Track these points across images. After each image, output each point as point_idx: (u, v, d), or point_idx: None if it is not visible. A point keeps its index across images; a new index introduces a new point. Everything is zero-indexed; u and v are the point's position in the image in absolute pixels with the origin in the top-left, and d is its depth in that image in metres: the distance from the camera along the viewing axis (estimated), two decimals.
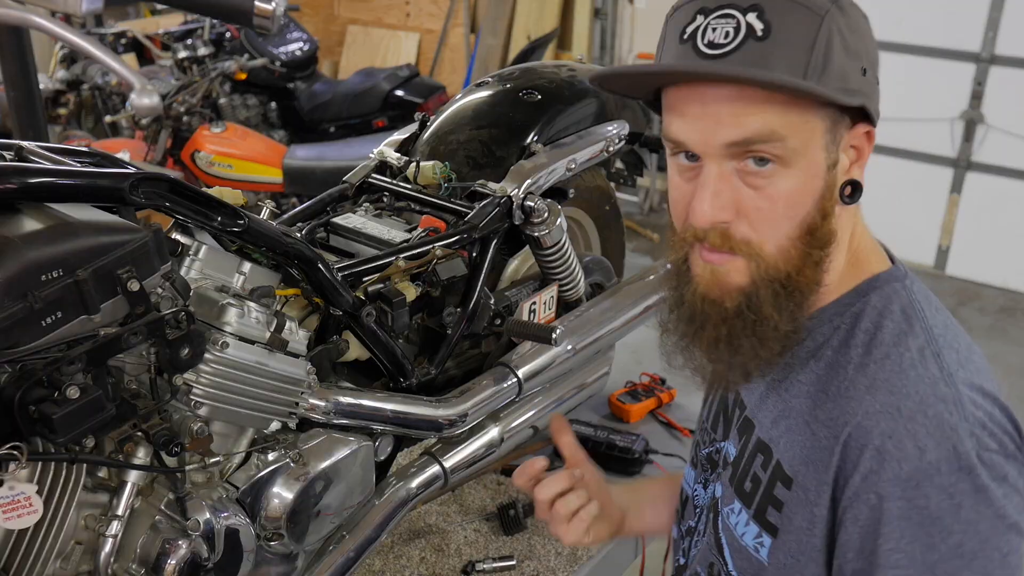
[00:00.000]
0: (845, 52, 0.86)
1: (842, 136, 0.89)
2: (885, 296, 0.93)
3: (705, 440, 1.14)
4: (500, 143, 1.99)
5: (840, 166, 0.90)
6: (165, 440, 1.23)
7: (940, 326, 0.93)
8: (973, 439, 0.85)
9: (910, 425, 0.86)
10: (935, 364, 0.89)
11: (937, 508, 0.85)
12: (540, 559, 1.87)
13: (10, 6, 1.08)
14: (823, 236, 0.90)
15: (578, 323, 2.01)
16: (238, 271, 1.42)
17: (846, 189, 0.91)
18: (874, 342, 0.91)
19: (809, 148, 0.87)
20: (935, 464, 0.84)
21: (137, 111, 1.07)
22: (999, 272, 4.76)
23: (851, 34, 0.87)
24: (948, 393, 0.87)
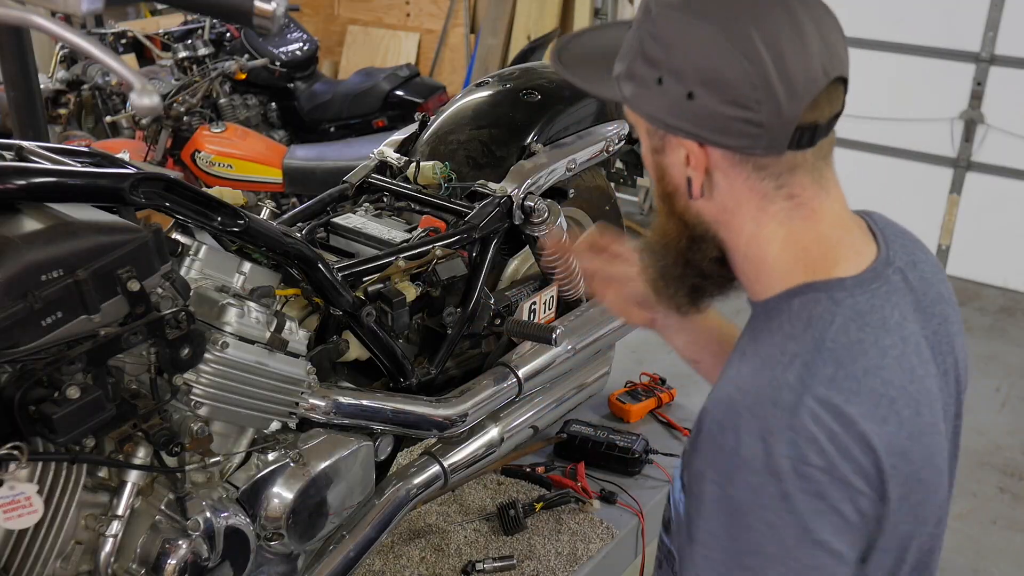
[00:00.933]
0: (642, 58, 0.96)
1: (663, 133, 0.99)
2: (804, 303, 0.97)
3: None
4: (500, 143, 1.99)
5: (670, 159, 1.00)
6: (165, 440, 1.23)
7: (841, 346, 0.93)
8: (794, 448, 0.88)
9: (737, 420, 0.91)
10: (796, 373, 0.91)
11: (743, 502, 0.89)
12: (540, 559, 1.87)
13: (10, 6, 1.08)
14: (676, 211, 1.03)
15: (578, 323, 2.01)
16: (238, 271, 1.42)
17: (689, 184, 1.00)
18: (763, 339, 0.97)
19: (638, 126, 1.03)
20: (748, 461, 0.89)
21: (137, 111, 1.07)
22: (999, 272, 4.76)
23: (652, 41, 0.95)
24: (788, 401, 0.90)
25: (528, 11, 5.87)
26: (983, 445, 3.53)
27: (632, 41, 0.98)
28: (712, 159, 0.97)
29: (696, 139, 0.96)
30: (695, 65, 0.93)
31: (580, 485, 2.02)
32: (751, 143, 0.94)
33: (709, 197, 1.00)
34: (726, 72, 0.92)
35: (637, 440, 2.14)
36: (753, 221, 0.99)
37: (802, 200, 0.98)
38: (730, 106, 0.92)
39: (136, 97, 1.07)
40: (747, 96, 0.92)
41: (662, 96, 0.95)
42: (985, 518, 3.15)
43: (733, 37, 0.91)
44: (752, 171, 0.97)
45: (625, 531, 1.96)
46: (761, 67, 0.91)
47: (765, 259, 1.00)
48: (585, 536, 1.93)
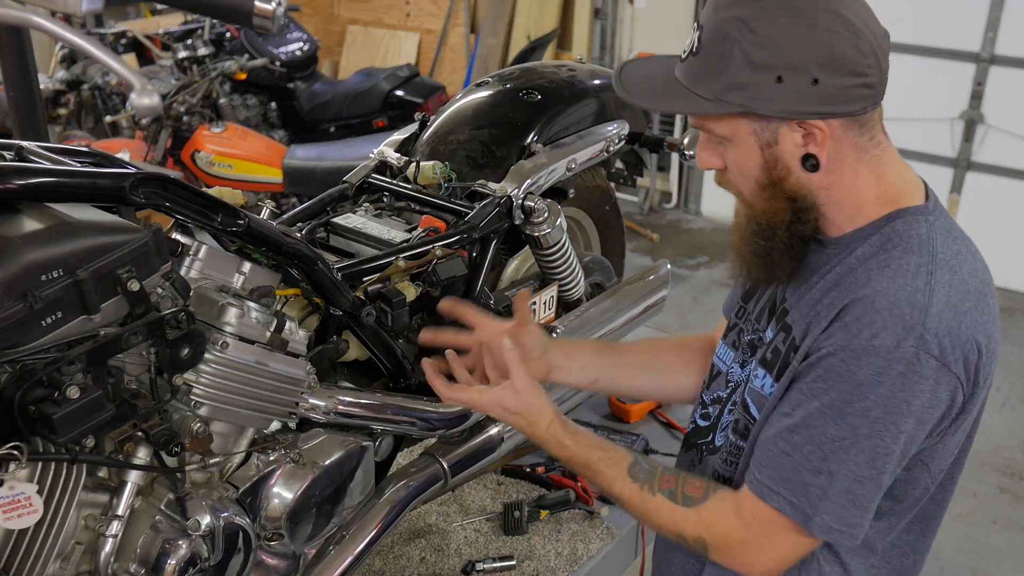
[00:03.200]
0: (749, 67, 1.08)
1: (777, 126, 1.12)
2: (907, 223, 1.16)
3: (748, 328, 1.37)
4: (500, 143, 1.99)
5: (784, 145, 1.13)
6: (165, 440, 1.23)
7: (949, 253, 1.14)
8: (920, 340, 1.08)
9: (875, 316, 1.10)
10: (924, 279, 1.11)
11: (865, 378, 1.10)
12: (540, 559, 1.87)
13: (10, 6, 1.08)
14: (784, 192, 1.16)
15: (578, 323, 2.01)
16: (238, 271, 1.42)
17: (808, 160, 1.14)
18: (886, 256, 1.14)
19: (737, 134, 1.15)
20: (877, 348, 1.09)
21: (137, 111, 1.07)
22: (999, 272, 4.73)
23: (758, 49, 1.07)
24: (920, 302, 1.09)
25: (528, 11, 5.87)
26: (983, 445, 3.53)
27: (727, 57, 1.09)
28: (832, 130, 1.11)
29: (825, 116, 1.10)
30: (811, 55, 1.07)
31: (580, 485, 2.02)
32: (865, 104, 1.11)
33: (822, 168, 1.14)
34: (842, 51, 1.07)
35: (637, 440, 2.14)
36: (852, 173, 1.16)
37: (883, 145, 1.18)
38: (850, 77, 1.08)
39: (136, 97, 1.08)
40: (862, 64, 1.08)
41: (786, 91, 1.08)
42: (985, 518, 3.15)
43: (832, 21, 1.06)
44: (857, 131, 1.14)
45: (625, 531, 1.96)
46: (862, 36, 1.08)
47: (860, 201, 1.18)
48: (585, 536, 1.93)
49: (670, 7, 5.50)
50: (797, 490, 1.16)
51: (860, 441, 1.12)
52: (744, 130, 1.14)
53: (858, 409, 1.11)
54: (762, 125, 1.12)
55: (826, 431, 1.13)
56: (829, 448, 1.13)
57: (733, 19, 1.09)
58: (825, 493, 1.14)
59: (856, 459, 1.13)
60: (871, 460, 1.12)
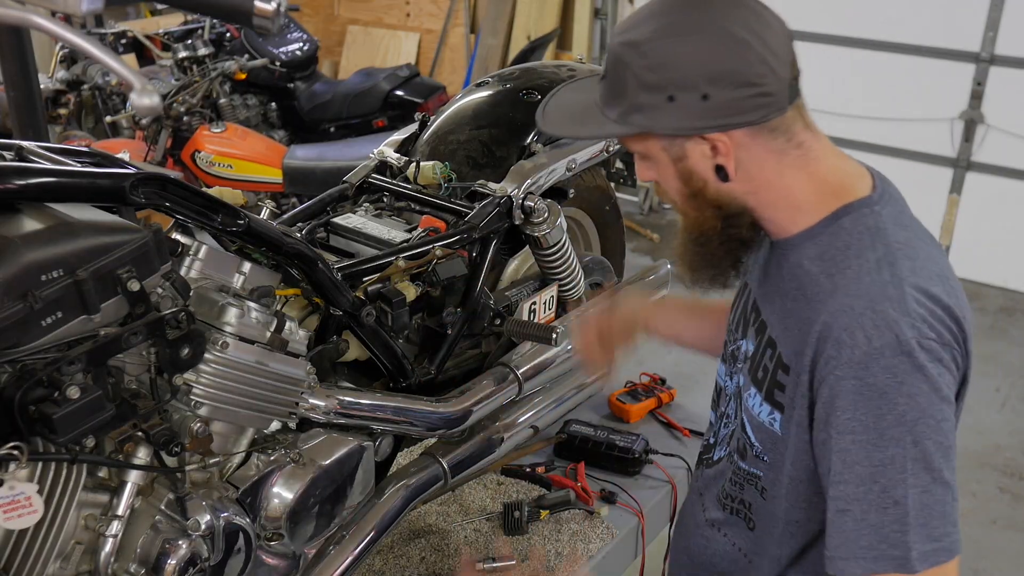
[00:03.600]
0: (642, 89, 1.11)
1: (682, 142, 1.15)
2: (854, 219, 1.16)
3: (730, 339, 1.38)
4: (500, 143, 1.99)
5: (694, 158, 1.16)
6: (165, 440, 1.23)
7: (901, 241, 1.14)
8: (914, 329, 1.07)
9: (860, 320, 1.08)
10: (888, 271, 1.11)
11: (883, 384, 1.06)
12: (540, 559, 1.86)
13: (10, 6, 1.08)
14: (708, 201, 1.19)
15: (578, 323, 2.00)
16: (238, 271, 1.42)
17: (719, 172, 1.16)
18: (841, 255, 1.14)
19: (650, 152, 1.18)
20: (880, 349, 1.06)
21: (137, 111, 1.07)
22: (999, 272, 4.76)
23: (648, 72, 1.10)
24: (895, 294, 1.09)
25: (528, 11, 5.87)
26: (983, 445, 3.53)
27: (623, 81, 1.13)
28: (735, 140, 1.13)
29: (722, 129, 1.12)
30: (699, 72, 1.09)
31: (580, 485, 2.02)
32: (766, 112, 1.11)
33: (737, 175, 1.16)
34: (727, 65, 1.09)
35: (637, 440, 2.14)
36: (777, 176, 1.17)
37: (806, 145, 1.17)
38: (742, 88, 1.09)
39: (136, 97, 1.07)
40: (751, 74, 1.09)
41: (678, 109, 1.11)
42: (985, 518, 3.15)
43: (720, 37, 1.09)
44: (767, 136, 1.14)
45: (625, 531, 1.96)
46: (750, 48, 1.09)
47: (796, 201, 1.18)
48: (585, 536, 1.93)
49: None
50: (875, 542, 1.07)
51: (908, 450, 1.06)
52: (655, 148, 1.18)
53: (892, 420, 1.06)
54: (668, 142, 1.16)
55: (872, 460, 1.07)
56: (885, 477, 1.06)
57: (625, 44, 1.13)
58: (904, 525, 1.06)
59: (915, 472, 1.06)
60: (928, 464, 1.06)
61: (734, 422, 1.34)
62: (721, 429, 1.40)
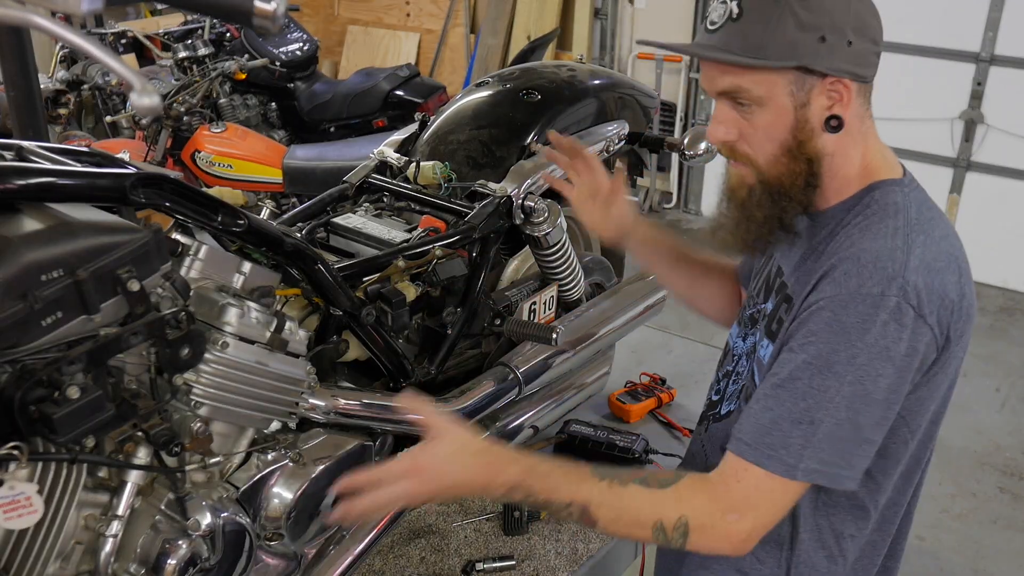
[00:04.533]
0: (798, 27, 1.16)
1: (812, 86, 1.19)
2: (884, 193, 1.26)
3: (750, 304, 1.45)
4: (500, 143, 1.99)
5: (814, 106, 1.21)
6: (165, 440, 1.23)
7: (924, 220, 1.23)
8: (900, 292, 1.16)
9: (860, 269, 1.18)
10: (901, 239, 1.20)
11: (851, 325, 1.16)
12: (540, 559, 1.87)
13: (10, 6, 1.08)
14: (805, 154, 1.23)
15: (578, 323, 2.01)
16: (238, 271, 1.42)
17: (831, 122, 1.22)
18: (865, 222, 1.24)
19: (773, 95, 1.20)
20: (863, 296, 1.16)
21: (137, 111, 1.07)
22: (999, 272, 4.76)
23: (806, 11, 1.16)
24: (900, 258, 1.18)
25: (528, 11, 5.87)
26: (983, 445, 3.53)
27: (777, 19, 1.17)
28: (852, 93, 1.21)
29: (856, 77, 1.20)
30: (847, 19, 1.18)
31: None
32: (874, 71, 1.22)
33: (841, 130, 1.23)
34: (866, 18, 1.19)
35: (637, 440, 2.14)
36: (851, 143, 1.26)
37: (869, 120, 1.27)
38: (871, 44, 1.20)
39: (136, 97, 1.07)
40: (878, 32, 1.21)
41: (829, 50, 1.17)
42: (985, 518, 3.15)
43: None
44: (863, 99, 1.24)
45: None
46: (876, 11, 1.21)
47: (849, 172, 1.27)
48: (585, 536, 1.93)
49: (670, 7, 5.51)
50: (777, 443, 1.19)
51: (844, 387, 1.16)
52: (782, 90, 1.20)
53: (844, 357, 1.16)
54: (800, 84, 1.20)
55: (812, 382, 1.18)
56: (813, 398, 1.18)
57: None
58: (808, 441, 1.18)
59: (838, 406, 1.17)
60: (851, 405, 1.17)
61: (744, 378, 1.40)
62: (729, 386, 1.45)
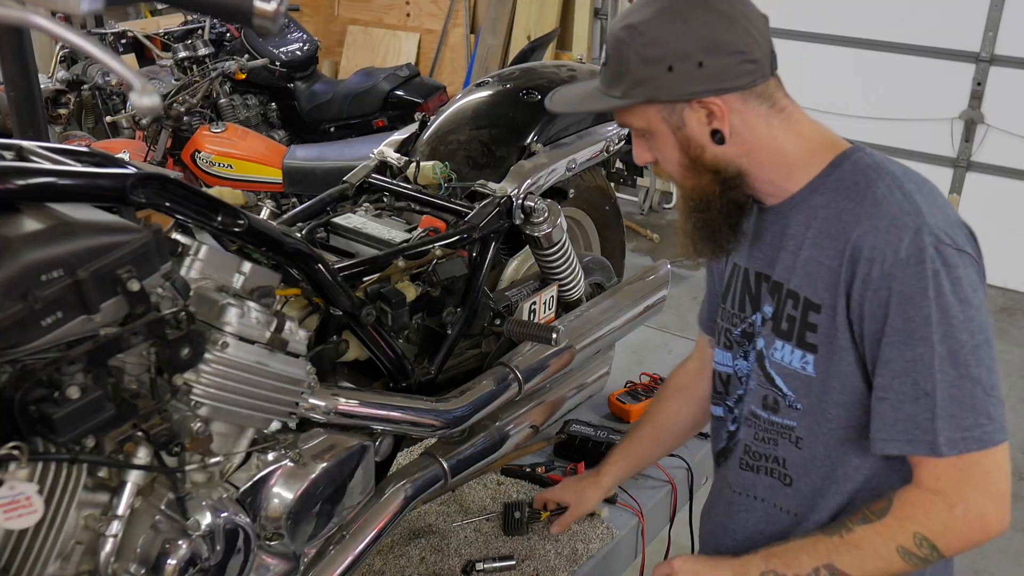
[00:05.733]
0: (642, 63, 1.24)
1: (681, 110, 1.27)
2: (853, 163, 1.29)
3: (735, 323, 1.45)
4: (500, 143, 1.99)
5: (691, 125, 1.27)
6: (165, 440, 1.23)
7: (899, 170, 1.28)
8: (932, 237, 1.19)
9: (886, 236, 1.21)
10: (899, 192, 1.23)
11: (910, 290, 1.19)
12: (540, 559, 1.87)
13: (10, 6, 1.08)
14: (705, 167, 1.30)
15: (578, 323, 2.01)
16: (238, 271, 1.42)
17: (715, 136, 1.28)
18: (854, 191, 1.26)
19: (650, 124, 1.30)
20: (906, 259, 1.19)
21: (137, 111, 1.07)
22: (999, 272, 4.76)
23: (645, 47, 1.24)
24: (910, 208, 1.22)
25: (528, 11, 5.87)
26: None
27: (625, 60, 1.26)
28: (728, 104, 1.26)
29: (717, 93, 1.24)
30: (694, 43, 1.23)
31: None
32: (753, 77, 1.26)
33: (731, 139, 1.28)
34: (719, 35, 1.23)
35: None
36: (768, 137, 1.29)
37: (788, 109, 1.30)
38: (732, 56, 1.23)
39: (136, 97, 1.07)
40: (740, 44, 1.24)
41: (677, 77, 1.24)
42: None
43: (711, 14, 1.23)
44: (756, 101, 1.27)
45: (625, 531, 1.96)
46: (739, 21, 1.24)
47: (790, 158, 1.30)
48: (585, 536, 1.93)
49: None
50: (909, 427, 1.21)
51: (935, 348, 1.18)
52: (655, 119, 1.29)
53: (919, 322, 1.18)
54: (668, 112, 1.27)
55: (903, 357, 1.20)
56: (917, 372, 1.20)
57: (624, 28, 1.26)
58: (933, 414, 1.20)
59: (942, 368, 1.19)
60: (954, 360, 1.19)
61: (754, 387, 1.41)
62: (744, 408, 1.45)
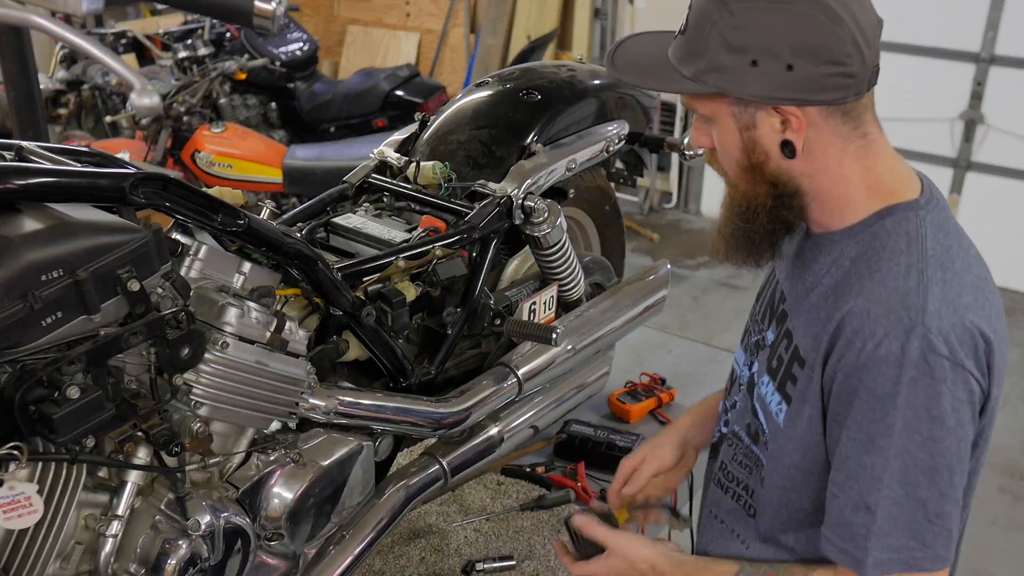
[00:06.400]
0: (725, 49, 1.08)
1: (754, 110, 1.11)
2: (897, 221, 1.14)
3: (755, 329, 1.36)
4: (500, 143, 1.99)
5: (762, 130, 1.12)
6: (165, 440, 1.23)
7: (941, 250, 1.12)
8: (923, 342, 1.05)
9: (873, 324, 1.08)
10: (916, 278, 1.09)
11: (882, 390, 1.07)
12: (540, 559, 1.86)
13: (10, 6, 1.08)
14: (765, 176, 1.16)
15: (578, 323, 2.01)
16: (238, 271, 1.42)
17: (785, 148, 1.13)
18: (876, 258, 1.13)
19: (718, 115, 1.15)
20: (884, 357, 1.06)
21: (137, 111, 1.07)
22: (999, 272, 4.70)
23: (735, 32, 1.07)
24: (915, 303, 1.07)
25: (528, 11, 5.86)
26: None
27: (706, 38, 1.10)
28: (808, 117, 1.10)
29: (799, 103, 1.09)
30: (788, 41, 1.06)
31: (580, 485, 2.03)
32: (845, 93, 1.08)
33: (801, 154, 1.13)
34: (818, 39, 1.06)
35: (637, 440, 2.14)
36: (837, 163, 1.14)
37: (871, 136, 1.15)
38: (826, 65, 1.06)
39: (136, 97, 1.07)
40: (840, 53, 1.06)
41: (760, 75, 1.08)
42: (985, 518, 3.15)
43: (810, 7, 1.05)
44: (839, 119, 1.12)
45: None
46: (845, 26, 1.05)
47: (848, 193, 1.16)
48: None
49: (670, 7, 5.49)
50: (844, 534, 1.12)
51: (890, 462, 1.08)
52: (724, 112, 1.14)
53: (882, 428, 1.07)
54: (740, 108, 1.12)
55: (858, 461, 1.10)
56: (864, 481, 1.10)
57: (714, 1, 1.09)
58: (869, 530, 1.10)
59: (889, 484, 1.08)
60: (904, 478, 1.08)
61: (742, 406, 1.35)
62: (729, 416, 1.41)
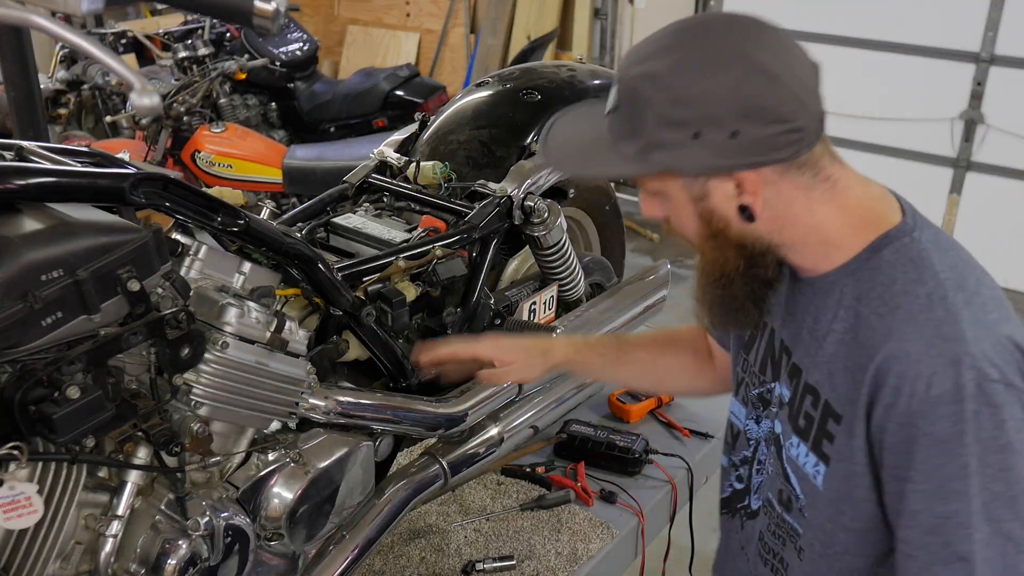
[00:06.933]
0: (662, 125, 1.04)
1: (705, 180, 1.07)
2: (895, 251, 1.09)
3: (754, 382, 1.30)
4: (500, 143, 1.99)
5: (716, 197, 1.08)
6: (165, 440, 1.23)
7: (948, 269, 1.07)
8: (974, 372, 1.00)
9: (917, 366, 1.02)
10: (941, 308, 1.04)
11: (943, 434, 1.00)
12: (540, 559, 1.86)
13: (10, 6, 1.08)
14: (730, 241, 1.12)
15: (578, 323, 2.01)
16: (238, 271, 1.42)
17: (743, 212, 1.09)
18: (889, 294, 1.07)
19: (667, 190, 1.11)
20: (939, 397, 1.00)
21: (137, 111, 1.07)
22: (999, 272, 4.73)
23: (671, 106, 1.03)
24: (950, 332, 1.02)
25: (528, 11, 5.86)
26: None
27: (641, 117, 1.05)
28: (763, 177, 1.06)
29: (751, 167, 1.05)
30: (729, 108, 1.01)
31: (580, 485, 2.02)
32: (797, 148, 1.04)
33: (763, 213, 1.09)
34: (759, 100, 1.01)
35: (637, 440, 2.14)
36: (806, 212, 1.10)
37: (834, 176, 1.10)
38: (773, 125, 1.02)
39: (136, 97, 1.07)
40: (784, 111, 1.02)
41: (704, 147, 1.03)
42: None
43: (749, 69, 1.01)
44: (796, 172, 1.07)
45: (625, 531, 1.96)
46: (779, 82, 1.01)
47: (828, 236, 1.11)
48: (585, 536, 1.93)
49: (670, 7, 5.50)
50: None
51: (972, 504, 1.01)
52: (674, 186, 1.10)
53: (953, 472, 1.01)
54: (688, 181, 1.08)
55: (933, 512, 1.03)
56: (946, 531, 1.02)
57: (643, 76, 1.04)
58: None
59: (978, 526, 1.01)
60: (990, 516, 1.01)
61: (768, 469, 1.27)
62: (753, 476, 1.32)
